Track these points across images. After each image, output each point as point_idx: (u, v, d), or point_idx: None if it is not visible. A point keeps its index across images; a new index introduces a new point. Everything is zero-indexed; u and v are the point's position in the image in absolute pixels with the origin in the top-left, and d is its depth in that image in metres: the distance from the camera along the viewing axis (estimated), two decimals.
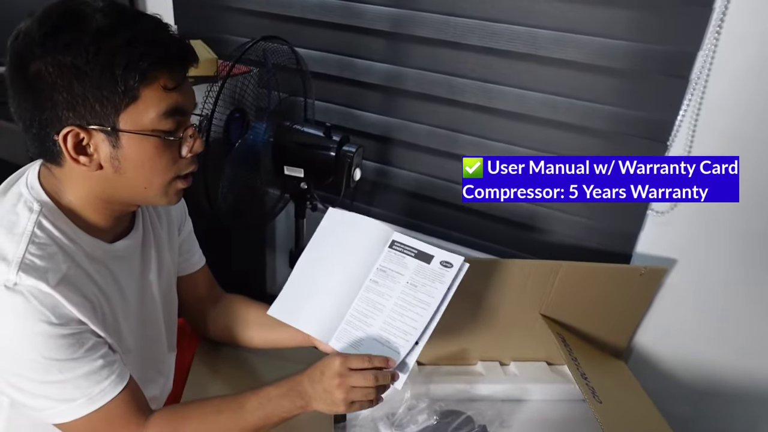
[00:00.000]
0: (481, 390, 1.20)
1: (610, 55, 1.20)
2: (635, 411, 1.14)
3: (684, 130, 1.18)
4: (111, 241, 0.79)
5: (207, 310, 1.06)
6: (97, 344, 0.72)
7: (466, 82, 1.37)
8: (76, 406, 0.71)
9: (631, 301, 1.28)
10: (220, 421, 0.79)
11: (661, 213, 1.26)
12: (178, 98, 0.71)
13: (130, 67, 0.66)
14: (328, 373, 0.79)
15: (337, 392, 0.79)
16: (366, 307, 0.91)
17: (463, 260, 0.91)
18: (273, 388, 0.82)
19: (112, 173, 0.71)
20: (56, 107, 0.67)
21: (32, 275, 0.66)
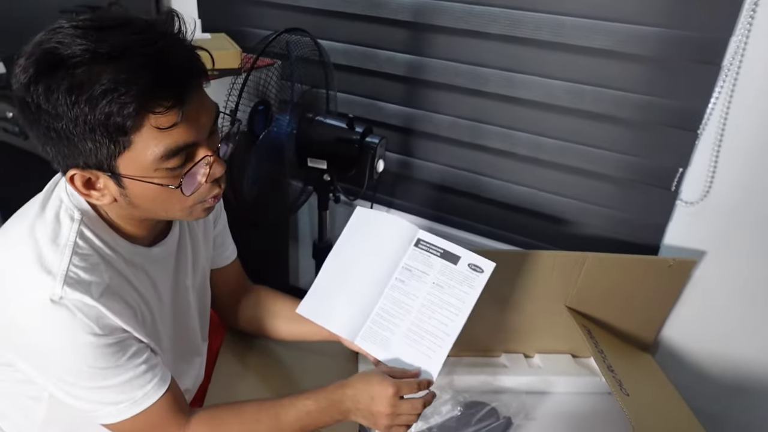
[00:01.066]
0: (505, 382, 1.19)
1: (639, 42, 1.17)
2: (663, 405, 1.12)
3: (715, 118, 1.15)
4: (149, 245, 0.80)
5: (236, 301, 1.07)
6: (140, 350, 0.74)
7: (490, 72, 1.35)
8: (121, 409, 0.73)
9: (659, 293, 1.26)
10: (258, 430, 0.81)
11: (691, 204, 1.24)
12: (179, 134, 0.64)
13: (113, 116, 0.59)
14: (380, 401, 0.79)
15: (383, 419, 0.80)
16: (392, 306, 0.91)
17: (490, 263, 0.90)
18: (312, 402, 0.81)
19: (127, 205, 0.70)
20: (55, 148, 0.64)
21: (77, 289, 0.66)
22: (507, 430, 1.07)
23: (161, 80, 0.61)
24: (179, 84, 0.63)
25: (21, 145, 1.52)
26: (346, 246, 0.99)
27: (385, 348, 0.89)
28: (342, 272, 0.97)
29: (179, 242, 0.87)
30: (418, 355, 0.87)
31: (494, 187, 1.47)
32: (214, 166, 0.70)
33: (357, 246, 0.98)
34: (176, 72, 0.62)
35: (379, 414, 0.80)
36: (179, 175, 0.67)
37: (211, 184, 0.72)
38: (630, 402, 0.98)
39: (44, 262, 0.67)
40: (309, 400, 0.82)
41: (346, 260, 0.98)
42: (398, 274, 0.94)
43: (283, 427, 0.80)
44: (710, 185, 1.20)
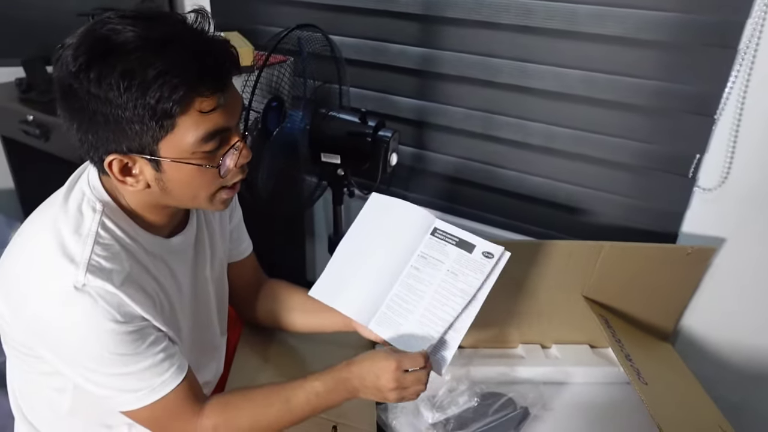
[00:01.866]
0: (522, 373, 1.19)
1: (653, 27, 1.16)
2: (683, 394, 1.11)
3: (732, 102, 1.13)
4: (168, 236, 0.82)
5: (253, 295, 1.09)
6: (159, 338, 0.76)
7: (502, 62, 1.35)
8: (139, 396, 0.75)
9: (678, 282, 1.25)
10: (270, 414, 0.82)
11: (709, 190, 1.22)
12: (218, 118, 0.69)
13: (163, 98, 0.64)
14: (385, 376, 0.81)
15: (390, 393, 0.82)
16: (406, 293, 0.92)
17: (503, 250, 0.90)
18: (320, 383, 0.83)
19: (159, 191, 0.73)
20: (97, 134, 0.67)
21: (99, 276, 0.69)
22: (524, 420, 1.07)
23: (206, 67, 0.66)
24: (220, 72, 0.68)
25: (42, 147, 1.55)
26: (361, 230, 1.00)
27: (398, 334, 0.90)
28: (356, 257, 0.98)
29: (197, 234, 0.88)
30: (431, 341, 0.88)
31: (508, 178, 1.46)
32: (243, 152, 0.74)
33: (372, 231, 0.99)
34: (219, 60, 0.68)
35: (384, 389, 0.82)
36: (213, 158, 0.72)
37: (238, 169, 0.76)
38: (649, 391, 0.98)
39: (67, 251, 0.69)
40: (317, 381, 0.83)
41: (360, 245, 0.99)
42: (414, 262, 0.94)
43: (294, 409, 0.83)
44: (728, 171, 1.18)
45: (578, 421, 1.11)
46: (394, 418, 1.06)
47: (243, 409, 0.82)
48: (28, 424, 0.88)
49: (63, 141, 1.50)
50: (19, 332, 0.75)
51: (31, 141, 1.56)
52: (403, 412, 1.07)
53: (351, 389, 0.84)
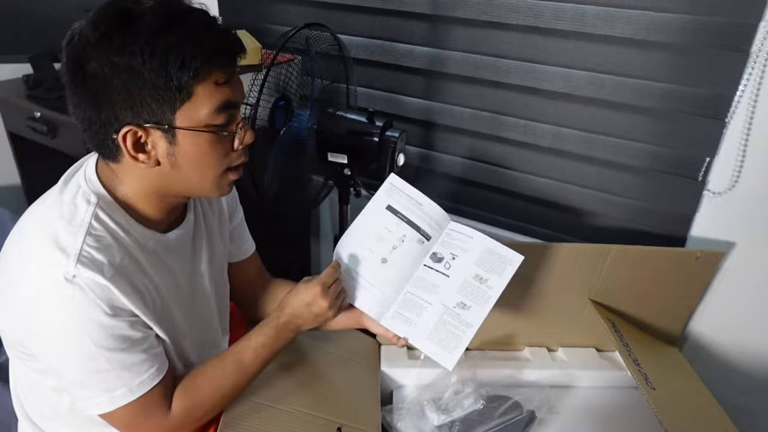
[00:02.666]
0: (529, 376, 1.19)
1: (662, 29, 1.15)
2: (691, 399, 1.10)
3: (744, 105, 1.12)
4: (164, 231, 0.82)
5: (257, 294, 1.09)
6: (145, 337, 0.76)
7: (511, 63, 1.34)
8: (116, 396, 0.74)
9: (686, 286, 1.24)
10: (228, 378, 0.85)
11: (719, 194, 1.21)
12: (229, 92, 0.72)
13: (184, 66, 0.67)
14: (316, 302, 0.88)
15: (329, 312, 0.89)
16: (419, 290, 0.92)
17: (522, 259, 0.92)
18: (261, 336, 0.88)
19: (169, 169, 0.73)
20: (114, 107, 0.68)
21: (90, 268, 0.68)
22: (530, 423, 1.06)
23: (221, 41, 0.70)
24: (233, 46, 0.72)
25: (49, 144, 1.55)
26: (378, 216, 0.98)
27: (410, 329, 0.90)
28: (374, 247, 0.97)
29: (194, 230, 0.88)
30: (442, 338, 0.88)
31: (516, 179, 1.45)
32: (247, 133, 0.77)
33: (392, 223, 0.98)
34: (230, 36, 0.72)
35: (321, 311, 0.89)
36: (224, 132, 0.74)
37: (242, 150, 0.78)
38: (656, 396, 0.97)
39: (59, 242, 0.69)
40: (259, 335, 0.88)
41: (379, 235, 0.97)
42: (427, 260, 0.94)
43: (248, 367, 0.87)
44: (739, 174, 1.17)
45: (585, 425, 1.11)
46: (399, 419, 1.05)
47: (202, 384, 0.84)
48: (31, 423, 0.88)
49: (70, 138, 1.50)
50: (9, 326, 0.75)
51: (38, 138, 1.56)
52: (408, 414, 1.06)
53: (294, 328, 0.90)
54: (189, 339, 0.87)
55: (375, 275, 0.95)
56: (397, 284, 0.94)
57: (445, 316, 0.89)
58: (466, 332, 0.88)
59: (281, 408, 0.93)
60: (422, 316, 0.90)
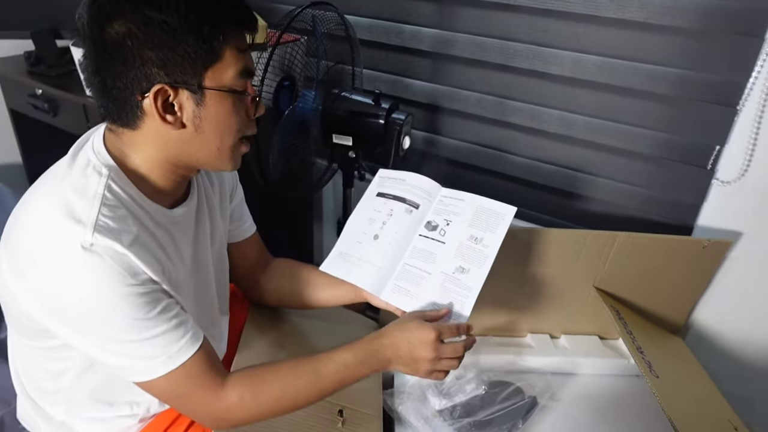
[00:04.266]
0: (531, 362, 1.18)
1: (677, 13, 1.13)
2: (694, 388, 1.10)
3: (756, 93, 1.10)
4: (170, 206, 0.81)
5: (257, 275, 1.08)
6: (171, 304, 0.74)
7: (519, 46, 1.32)
8: (156, 365, 0.72)
9: (692, 275, 1.23)
10: (298, 385, 0.80)
11: (727, 183, 1.19)
12: (248, 60, 0.74)
13: (218, 26, 0.68)
14: (422, 346, 0.79)
15: (425, 364, 0.80)
16: (417, 260, 0.92)
17: (515, 210, 0.91)
18: (350, 354, 0.81)
19: (192, 132, 0.73)
20: (145, 65, 0.67)
21: (107, 236, 0.67)
22: (532, 409, 1.07)
23: (248, 9, 0.73)
24: (252, 16, 0.74)
25: (50, 121, 1.54)
26: (369, 204, 1.00)
27: (412, 301, 0.89)
28: (366, 229, 0.98)
29: (198, 208, 0.87)
30: (446, 304, 0.87)
31: (521, 165, 1.44)
32: (260, 104, 0.79)
33: (380, 203, 0.99)
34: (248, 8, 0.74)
35: (421, 359, 0.80)
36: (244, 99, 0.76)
37: (253, 121, 0.80)
38: (660, 384, 0.96)
39: (73, 213, 0.68)
40: (347, 353, 0.81)
41: (369, 218, 0.99)
42: (422, 230, 0.94)
43: (323, 380, 0.80)
44: (749, 164, 1.16)
45: (586, 412, 1.11)
46: (401, 403, 1.05)
47: (270, 380, 0.80)
48: (31, 400, 0.87)
49: (71, 116, 1.48)
50: (25, 301, 0.72)
51: (40, 115, 1.55)
52: (410, 398, 1.06)
53: (383, 360, 0.82)
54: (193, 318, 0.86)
55: (368, 251, 0.95)
56: (392, 257, 0.94)
57: (446, 283, 0.89)
58: (468, 296, 0.87)
59: None
60: (422, 286, 0.90)
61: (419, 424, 1.02)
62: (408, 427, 1.03)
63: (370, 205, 1.00)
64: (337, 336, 1.13)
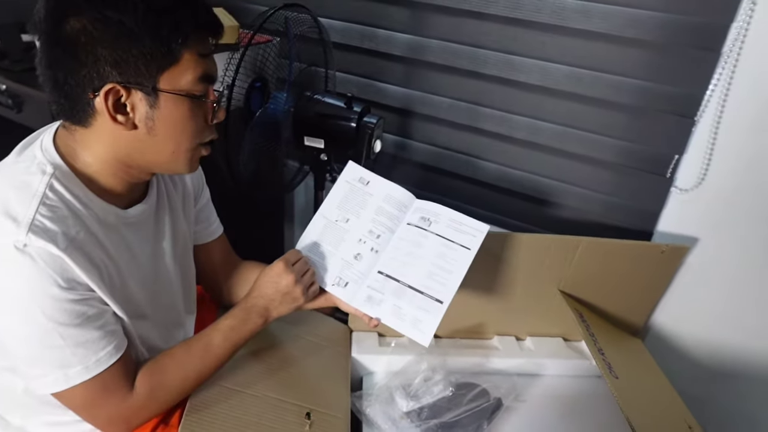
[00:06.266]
0: (497, 364, 1.21)
1: (639, 26, 1.17)
2: (651, 388, 1.14)
3: (713, 105, 1.15)
4: (124, 207, 0.79)
5: (225, 277, 1.08)
6: (101, 313, 0.73)
7: (490, 54, 1.34)
8: (72, 374, 0.72)
9: (651, 279, 1.27)
10: (195, 362, 0.84)
11: (685, 191, 1.24)
12: (209, 65, 0.74)
13: (178, 29, 0.67)
14: (280, 277, 0.89)
15: (295, 289, 0.89)
16: (388, 269, 0.93)
17: (488, 228, 0.94)
18: (231, 319, 0.88)
19: (145, 134, 0.72)
20: (98, 63, 0.67)
21: (42, 237, 0.66)
22: (497, 410, 1.08)
23: (211, 12, 0.73)
24: (218, 24, 0.74)
25: (14, 118, 1.50)
26: (338, 203, 1.00)
27: (382, 308, 0.91)
28: (339, 235, 0.98)
29: (157, 210, 0.87)
30: (416, 313, 0.89)
31: (491, 171, 1.47)
32: (221, 110, 0.78)
33: (350, 205, 1.00)
34: (215, 14, 0.74)
35: (286, 287, 0.89)
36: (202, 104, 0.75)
37: (213, 127, 0.79)
38: (619, 384, 0.99)
39: (10, 210, 0.66)
40: (228, 319, 0.88)
41: (342, 223, 0.99)
42: (395, 238, 0.95)
43: (216, 350, 0.86)
44: (705, 173, 1.21)
45: (550, 413, 1.13)
46: (368, 405, 1.06)
47: (169, 366, 0.83)
48: None
49: (36, 112, 1.45)
50: None
51: (3, 111, 1.51)
52: (378, 400, 1.07)
53: (261, 311, 0.89)
54: (151, 319, 0.85)
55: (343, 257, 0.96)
56: (365, 265, 0.95)
57: (416, 294, 0.90)
58: (439, 309, 0.89)
59: (250, 393, 0.92)
60: (393, 295, 0.91)
61: (387, 426, 1.03)
62: (376, 429, 1.04)
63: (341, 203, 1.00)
64: (305, 337, 1.14)
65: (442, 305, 0.90)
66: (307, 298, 0.92)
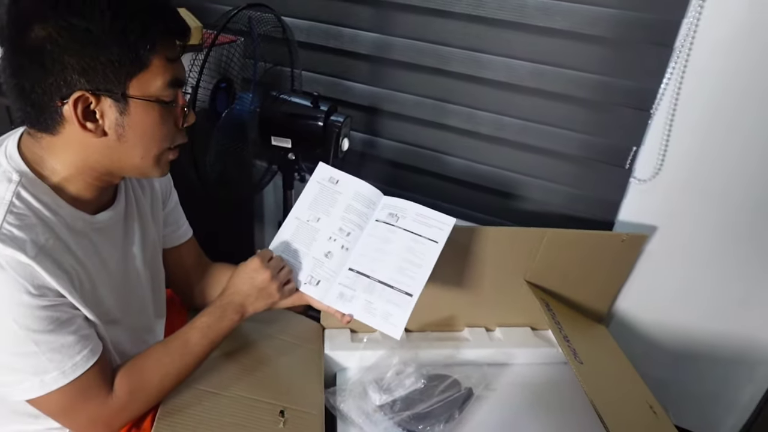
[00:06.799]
0: (468, 355, 1.23)
1: (597, 23, 1.20)
2: (614, 372, 1.18)
3: (667, 98, 1.19)
4: (93, 212, 0.79)
5: (195, 280, 1.07)
6: (73, 318, 0.73)
7: (454, 51, 1.36)
8: (48, 380, 0.71)
9: (613, 267, 1.32)
10: (174, 360, 0.85)
11: (643, 181, 1.29)
12: (178, 70, 0.73)
13: (145, 35, 0.67)
14: (256, 273, 0.90)
15: (271, 285, 0.91)
16: (359, 265, 0.95)
17: (454, 221, 0.97)
18: (207, 317, 0.89)
19: (115, 140, 0.72)
20: (65, 71, 0.66)
21: (10, 245, 0.65)
22: (468, 400, 1.11)
23: (178, 17, 0.72)
24: (185, 28, 0.73)
25: None
26: (308, 204, 1.02)
27: (354, 305, 0.92)
28: (310, 235, 0.99)
29: (125, 214, 0.86)
30: (387, 308, 0.91)
31: (458, 166, 1.49)
32: (190, 113, 0.79)
33: (320, 205, 1.01)
34: (182, 18, 0.73)
35: (262, 283, 0.91)
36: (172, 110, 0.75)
37: (183, 130, 0.79)
38: (583, 369, 1.03)
39: None
40: (204, 316, 0.89)
41: (313, 222, 1.00)
42: (365, 234, 0.97)
43: (194, 348, 0.87)
44: (662, 163, 1.25)
45: (519, 400, 1.16)
46: (342, 401, 1.07)
47: (147, 366, 0.83)
48: None
49: None
50: None
51: None
52: (351, 395, 1.08)
53: (237, 307, 0.90)
54: (122, 324, 0.85)
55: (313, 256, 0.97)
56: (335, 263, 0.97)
57: (386, 289, 0.92)
58: (409, 302, 0.91)
59: (224, 394, 0.93)
60: (364, 291, 0.93)
61: (360, 420, 1.04)
62: (350, 424, 1.05)
63: (311, 204, 1.02)
64: (278, 336, 1.14)
65: (412, 298, 0.92)
66: (283, 295, 0.93)
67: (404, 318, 0.91)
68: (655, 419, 1.06)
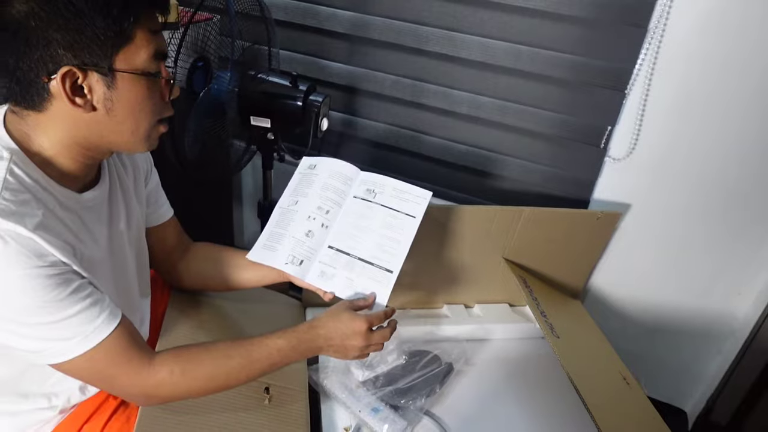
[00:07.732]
0: (447, 331, 1.26)
1: (571, 3, 1.21)
2: (589, 346, 1.22)
3: (641, 78, 1.22)
4: (79, 191, 0.78)
5: (177, 260, 1.07)
6: (83, 284, 0.72)
7: (431, 31, 1.37)
8: (72, 345, 0.71)
9: (588, 244, 1.35)
10: (230, 365, 0.82)
11: (618, 160, 1.32)
12: (161, 42, 0.73)
13: (127, 7, 0.67)
14: (355, 336, 0.87)
15: (356, 351, 0.88)
16: (339, 242, 0.96)
17: (431, 194, 0.98)
18: (283, 340, 0.85)
19: (104, 115, 0.71)
20: (50, 46, 0.65)
21: (10, 219, 0.65)
22: (448, 374, 1.14)
23: None
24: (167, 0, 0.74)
25: None
26: (293, 192, 1.03)
27: (335, 282, 0.93)
28: (289, 217, 1.00)
29: (110, 192, 0.86)
30: (368, 284, 0.92)
31: (435, 145, 1.50)
32: (174, 86, 0.79)
33: (303, 191, 1.02)
34: None
35: (352, 347, 0.88)
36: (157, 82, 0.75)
37: (169, 103, 0.79)
38: (560, 343, 1.06)
39: None
40: (281, 339, 0.85)
41: (293, 205, 1.01)
42: (343, 212, 0.98)
43: (254, 363, 0.83)
44: (636, 143, 1.28)
45: (498, 374, 1.20)
46: (326, 377, 1.09)
47: (202, 359, 0.81)
48: None
49: None
50: None
51: None
52: (334, 371, 1.10)
53: (314, 348, 0.88)
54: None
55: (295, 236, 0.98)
56: (315, 241, 0.98)
57: (367, 265, 0.94)
58: (388, 276, 0.93)
59: None
60: (345, 267, 0.95)
61: (344, 396, 1.06)
62: (334, 400, 1.07)
63: (295, 191, 1.03)
64: (260, 316, 1.15)
65: (392, 274, 0.93)
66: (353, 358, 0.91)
67: (386, 294, 0.93)
68: (629, 390, 1.10)
